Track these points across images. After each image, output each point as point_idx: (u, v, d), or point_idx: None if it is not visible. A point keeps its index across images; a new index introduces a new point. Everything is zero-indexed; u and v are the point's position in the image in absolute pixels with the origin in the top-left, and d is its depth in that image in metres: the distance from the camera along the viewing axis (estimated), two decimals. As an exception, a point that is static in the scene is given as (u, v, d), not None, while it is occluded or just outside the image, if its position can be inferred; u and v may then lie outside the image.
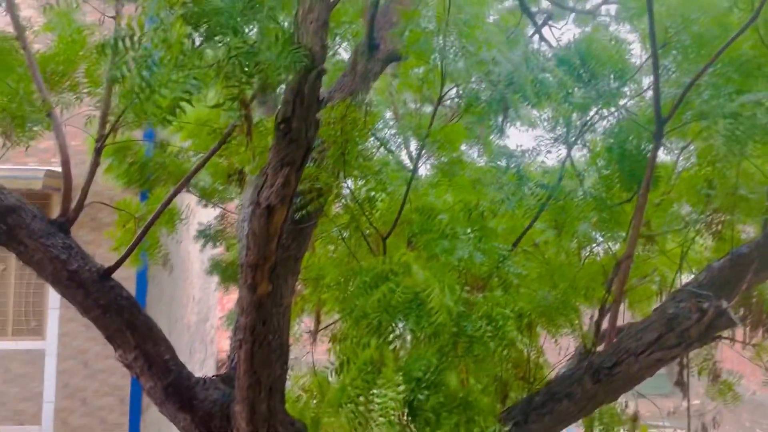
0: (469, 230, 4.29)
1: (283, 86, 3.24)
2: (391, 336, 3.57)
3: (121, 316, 4.08)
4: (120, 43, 2.49)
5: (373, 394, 3.25)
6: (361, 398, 3.27)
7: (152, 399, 4.35)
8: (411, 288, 3.43)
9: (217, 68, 2.67)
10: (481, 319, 3.66)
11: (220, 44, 2.68)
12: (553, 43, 6.96)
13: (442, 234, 4.15)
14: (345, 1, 5.71)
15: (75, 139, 6.90)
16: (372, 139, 4.95)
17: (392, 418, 3.16)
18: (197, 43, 2.67)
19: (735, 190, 4.57)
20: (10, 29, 4.56)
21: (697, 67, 3.92)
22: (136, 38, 2.49)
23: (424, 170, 5.93)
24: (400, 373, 3.35)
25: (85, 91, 5.18)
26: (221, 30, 2.63)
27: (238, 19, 2.69)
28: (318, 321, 5.61)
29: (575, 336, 4.59)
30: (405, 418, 3.43)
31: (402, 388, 3.22)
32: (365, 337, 3.52)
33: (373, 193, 4.72)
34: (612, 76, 4.57)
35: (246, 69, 2.70)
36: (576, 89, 4.48)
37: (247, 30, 2.82)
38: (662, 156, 5.06)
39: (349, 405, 3.27)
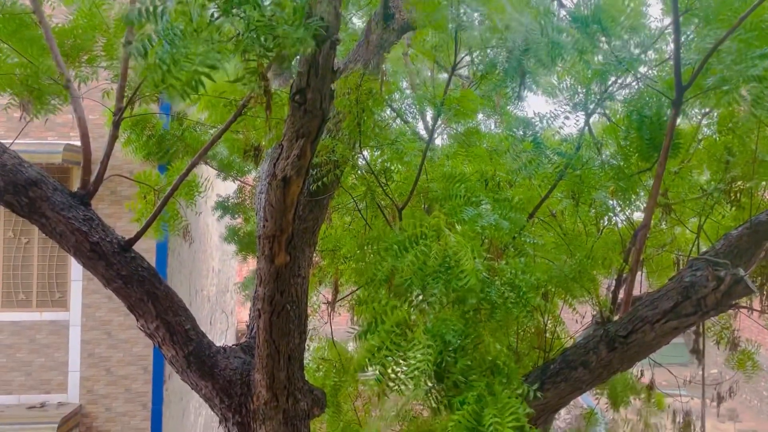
0: (489, 199, 4.26)
1: (299, 58, 3.22)
2: (418, 299, 3.58)
3: (142, 287, 4.14)
4: (142, 16, 2.47)
5: (401, 356, 3.28)
6: (390, 359, 3.30)
7: (174, 368, 4.43)
8: (442, 251, 3.42)
9: (236, 42, 2.66)
10: (504, 286, 3.67)
11: (239, 17, 2.65)
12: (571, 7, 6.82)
13: (467, 201, 4.14)
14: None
15: (93, 113, 6.96)
16: (387, 109, 4.92)
17: (421, 381, 3.18)
18: (215, 16, 2.65)
19: (755, 158, 4.51)
20: (27, 3, 4.56)
21: (719, 33, 3.83)
22: (159, 11, 2.46)
23: (440, 141, 5.89)
24: (428, 336, 3.37)
25: (103, 64, 5.19)
26: (241, 2, 2.60)
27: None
28: (336, 291, 5.65)
29: (592, 305, 4.59)
30: (432, 381, 3.45)
31: (431, 351, 3.23)
32: (393, 299, 3.53)
33: (388, 164, 4.72)
34: (626, 34, 4.47)
35: (264, 43, 2.68)
36: (592, 52, 4.40)
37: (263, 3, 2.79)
38: (681, 122, 4.99)
39: (377, 367, 3.29)
